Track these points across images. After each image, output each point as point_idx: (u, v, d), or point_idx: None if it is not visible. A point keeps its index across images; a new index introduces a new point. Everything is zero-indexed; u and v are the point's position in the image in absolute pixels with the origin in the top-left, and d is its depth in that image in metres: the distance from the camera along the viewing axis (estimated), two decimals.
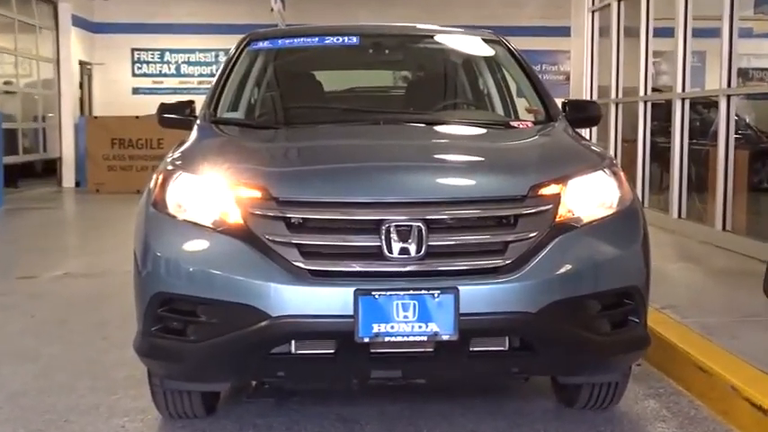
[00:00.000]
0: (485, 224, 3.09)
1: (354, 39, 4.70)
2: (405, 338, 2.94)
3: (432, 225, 3.01)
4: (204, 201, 3.17)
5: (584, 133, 6.60)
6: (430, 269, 3.00)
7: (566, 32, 13.03)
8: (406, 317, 2.92)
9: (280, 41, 4.79)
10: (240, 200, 3.10)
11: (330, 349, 3.01)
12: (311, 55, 4.94)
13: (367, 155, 3.62)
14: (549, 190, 3.17)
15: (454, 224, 3.07)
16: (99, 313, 5.60)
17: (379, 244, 2.98)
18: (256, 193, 3.10)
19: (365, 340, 2.92)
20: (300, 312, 2.93)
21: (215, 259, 3.06)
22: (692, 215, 8.62)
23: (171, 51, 19.53)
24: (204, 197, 3.18)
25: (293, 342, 3.02)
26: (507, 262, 3.01)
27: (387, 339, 2.93)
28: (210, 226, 3.11)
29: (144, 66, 19.62)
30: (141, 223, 3.29)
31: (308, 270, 2.97)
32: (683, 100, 8.58)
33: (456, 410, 3.74)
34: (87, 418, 3.72)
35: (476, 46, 4.98)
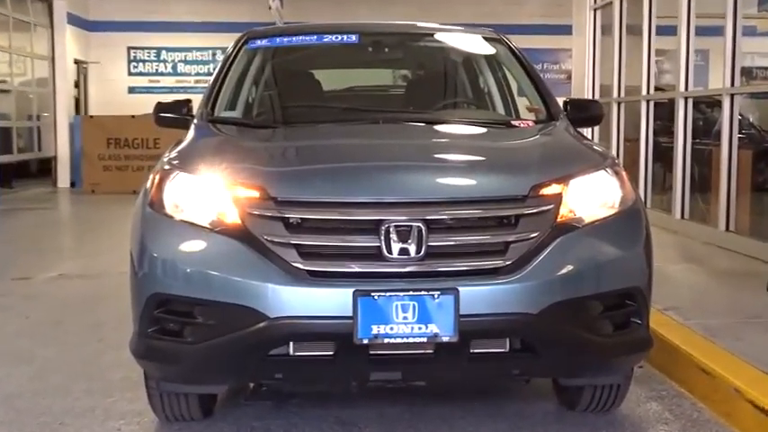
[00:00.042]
0: (485, 224, 3.06)
1: (353, 37, 4.66)
2: (404, 340, 2.91)
3: (432, 225, 2.98)
4: (201, 201, 3.14)
5: (585, 133, 6.58)
6: (430, 270, 2.97)
7: (567, 30, 13.00)
8: (406, 318, 2.89)
9: (278, 40, 4.76)
10: (238, 200, 3.07)
11: (329, 351, 2.98)
12: (310, 53, 4.91)
13: (366, 154, 3.59)
14: (551, 190, 3.14)
15: (454, 224, 3.04)
16: (95, 315, 5.57)
17: (378, 244, 2.95)
18: (254, 193, 3.07)
19: (364, 342, 2.90)
20: (299, 314, 2.91)
21: (212, 260, 3.03)
22: (695, 215, 8.58)
23: (167, 50, 19.43)
24: (201, 197, 3.15)
25: (291, 344, 2.98)
26: (508, 262, 2.98)
27: (386, 341, 2.90)
28: (208, 226, 3.08)
29: (140, 64, 19.52)
30: (138, 223, 3.26)
31: (307, 271, 2.94)
32: (686, 99, 8.54)
33: (456, 413, 3.71)
34: (83, 421, 3.69)
35: (476, 44, 4.94)
